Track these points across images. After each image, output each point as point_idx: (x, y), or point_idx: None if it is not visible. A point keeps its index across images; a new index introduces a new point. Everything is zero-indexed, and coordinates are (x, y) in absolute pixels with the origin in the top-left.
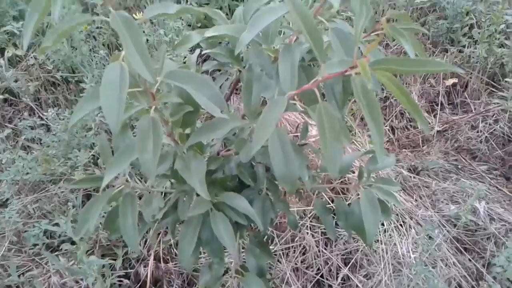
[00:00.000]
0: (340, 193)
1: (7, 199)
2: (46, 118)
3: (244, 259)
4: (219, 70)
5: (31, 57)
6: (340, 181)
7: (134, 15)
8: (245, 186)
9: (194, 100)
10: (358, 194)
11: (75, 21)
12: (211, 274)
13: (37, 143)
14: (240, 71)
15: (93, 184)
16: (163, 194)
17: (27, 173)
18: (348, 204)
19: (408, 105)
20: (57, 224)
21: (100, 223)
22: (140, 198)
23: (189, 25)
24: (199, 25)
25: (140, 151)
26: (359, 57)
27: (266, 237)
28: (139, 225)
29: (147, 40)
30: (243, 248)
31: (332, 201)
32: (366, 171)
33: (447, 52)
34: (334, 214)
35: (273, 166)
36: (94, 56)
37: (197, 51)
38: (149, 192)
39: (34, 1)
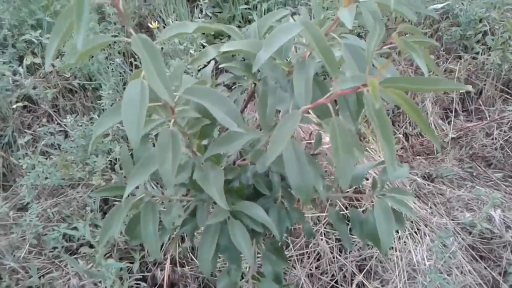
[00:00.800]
0: (354, 199)
1: (28, 203)
2: (65, 125)
3: (259, 264)
4: (234, 83)
5: (49, 65)
6: (353, 188)
7: (149, 24)
8: (261, 194)
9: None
10: (372, 201)
11: (97, 42)
12: (229, 279)
13: (56, 149)
14: (255, 84)
15: (113, 193)
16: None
17: (47, 178)
18: (363, 211)
19: (420, 123)
20: (75, 228)
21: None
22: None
23: (203, 33)
24: (212, 33)
25: (160, 163)
26: (371, 73)
27: (281, 243)
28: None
29: (162, 48)
30: (259, 253)
31: (346, 208)
32: (380, 181)
33: (460, 59)
34: (349, 221)
35: (288, 177)
36: (110, 64)
37: (212, 63)
38: (169, 201)
39: (57, 24)
